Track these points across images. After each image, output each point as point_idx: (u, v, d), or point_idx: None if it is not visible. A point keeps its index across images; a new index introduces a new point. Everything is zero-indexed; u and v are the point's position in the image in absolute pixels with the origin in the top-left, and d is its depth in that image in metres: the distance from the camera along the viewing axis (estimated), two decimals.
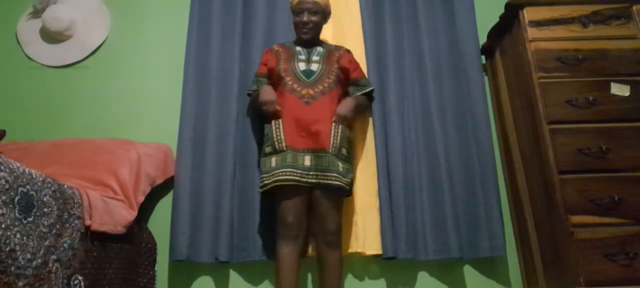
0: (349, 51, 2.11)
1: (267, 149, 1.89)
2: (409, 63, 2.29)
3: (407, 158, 2.12)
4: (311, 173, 1.80)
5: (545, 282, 1.87)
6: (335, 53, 2.05)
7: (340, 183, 1.81)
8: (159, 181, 2.07)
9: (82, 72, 2.46)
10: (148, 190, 1.97)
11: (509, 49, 2.13)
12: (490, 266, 2.11)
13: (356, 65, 2.10)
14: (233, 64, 2.25)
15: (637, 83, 1.86)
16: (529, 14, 1.97)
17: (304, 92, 1.91)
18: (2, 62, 2.50)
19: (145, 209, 2.13)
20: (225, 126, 2.16)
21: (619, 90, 1.85)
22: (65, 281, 1.37)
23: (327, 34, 2.30)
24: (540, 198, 1.88)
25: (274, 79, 2.00)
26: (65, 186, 1.43)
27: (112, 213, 1.65)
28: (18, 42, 2.53)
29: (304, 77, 1.95)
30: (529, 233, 2.00)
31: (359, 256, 2.06)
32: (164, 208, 2.18)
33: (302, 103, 1.89)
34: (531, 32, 1.94)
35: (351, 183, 1.90)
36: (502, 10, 2.10)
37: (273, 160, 1.84)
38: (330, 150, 1.83)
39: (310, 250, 2.02)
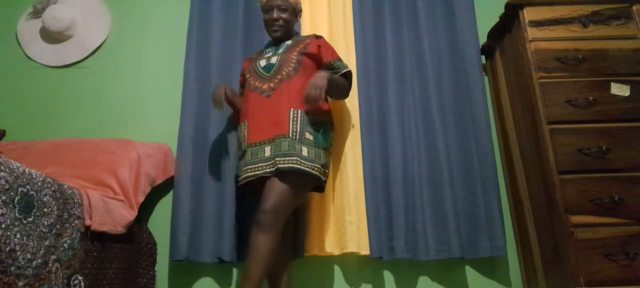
0: (319, 37, 2.00)
1: (238, 152, 1.89)
2: (409, 63, 2.29)
3: (407, 158, 2.12)
4: (270, 162, 1.72)
5: (545, 282, 1.87)
6: (301, 42, 1.96)
7: (304, 168, 1.68)
8: (159, 181, 2.07)
9: (82, 72, 2.46)
10: (148, 190, 1.97)
11: (509, 49, 2.13)
12: (491, 266, 2.11)
13: (328, 49, 1.98)
14: (233, 64, 2.25)
15: (637, 83, 1.87)
16: (528, 14, 1.97)
17: (264, 86, 1.86)
18: (2, 62, 2.50)
19: (145, 209, 2.13)
20: (225, 126, 2.16)
21: (619, 90, 1.85)
22: (65, 281, 1.37)
23: (323, 33, 2.30)
24: (540, 198, 1.88)
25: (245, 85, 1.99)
26: (65, 186, 1.43)
27: (112, 213, 1.65)
28: (18, 42, 2.53)
29: (264, 73, 1.89)
30: (529, 233, 2.00)
31: (356, 256, 2.06)
32: (164, 208, 2.18)
33: (263, 98, 1.84)
34: (531, 32, 1.94)
35: (323, 171, 1.76)
36: (502, 10, 2.10)
37: (240, 162, 1.84)
38: (291, 135, 1.73)
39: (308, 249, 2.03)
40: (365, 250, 2.00)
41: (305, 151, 1.72)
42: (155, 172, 2.04)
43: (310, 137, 1.77)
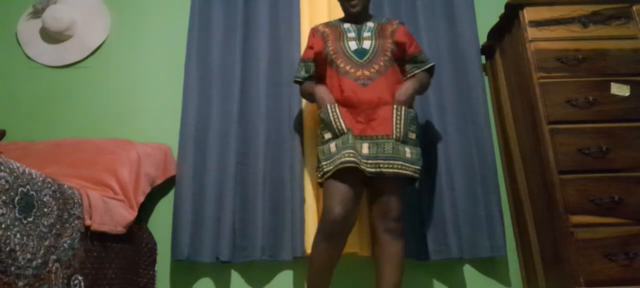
0: (402, 23, 1.93)
1: (326, 135, 1.72)
2: None
3: None
4: (369, 161, 1.62)
5: (545, 282, 1.87)
6: (387, 27, 1.87)
7: (408, 172, 1.65)
8: (159, 181, 2.07)
9: (82, 72, 2.46)
10: (148, 190, 1.97)
11: (509, 49, 2.13)
12: (490, 266, 2.11)
13: (412, 39, 1.92)
14: (234, 63, 2.25)
15: (637, 83, 1.86)
16: (528, 14, 1.97)
17: (358, 73, 1.75)
18: (2, 62, 2.50)
19: (145, 209, 2.13)
20: (226, 125, 2.16)
21: (619, 90, 1.85)
22: (65, 281, 1.37)
23: None
24: (540, 198, 1.88)
25: (321, 63, 1.86)
26: (65, 186, 1.43)
27: (112, 213, 1.65)
28: (18, 42, 2.53)
29: (356, 58, 1.77)
30: (529, 233, 2.00)
31: (357, 256, 2.06)
32: (164, 208, 2.18)
33: (358, 85, 1.73)
34: (531, 32, 1.94)
35: (420, 171, 1.72)
36: (502, 10, 2.10)
37: (333, 145, 1.67)
38: (395, 136, 1.67)
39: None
40: (365, 251, 2.00)
41: (408, 152, 1.68)
42: (155, 172, 2.04)
43: (413, 136, 1.73)
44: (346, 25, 1.90)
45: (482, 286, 2.09)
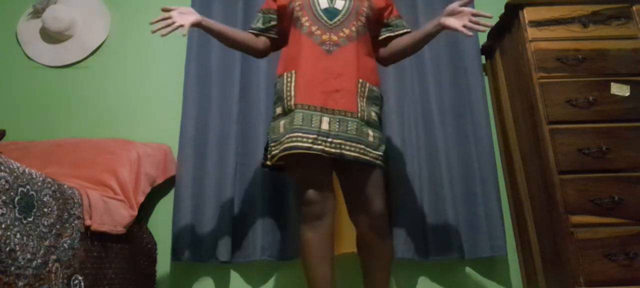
0: None
1: (277, 110, 1.52)
2: (409, 63, 2.28)
3: (406, 158, 2.12)
4: (329, 139, 1.42)
5: (545, 282, 1.87)
6: None
7: (369, 158, 1.45)
8: (159, 181, 2.07)
9: (82, 72, 2.46)
10: (148, 190, 1.97)
11: (509, 49, 2.13)
12: (491, 266, 2.11)
13: (390, 3, 1.70)
14: (234, 64, 2.25)
15: (637, 83, 1.86)
16: (528, 14, 1.97)
17: (325, 37, 1.52)
18: (2, 62, 2.50)
19: (145, 209, 2.13)
20: (226, 126, 2.16)
21: (619, 90, 1.85)
22: (65, 281, 1.37)
23: None
24: (540, 198, 1.88)
25: (285, 19, 1.63)
26: (65, 186, 1.43)
27: (112, 213, 1.65)
28: (18, 42, 2.53)
29: (325, 18, 1.54)
30: (529, 233, 2.00)
31: (356, 256, 2.06)
32: (164, 208, 2.18)
33: (322, 51, 1.51)
34: (531, 32, 1.94)
35: (384, 158, 1.51)
36: (502, 10, 2.10)
37: (281, 124, 1.48)
38: (359, 115, 1.47)
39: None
40: None
41: (370, 135, 1.48)
42: (155, 172, 2.04)
43: (376, 117, 1.53)
44: None
45: (482, 286, 2.09)
